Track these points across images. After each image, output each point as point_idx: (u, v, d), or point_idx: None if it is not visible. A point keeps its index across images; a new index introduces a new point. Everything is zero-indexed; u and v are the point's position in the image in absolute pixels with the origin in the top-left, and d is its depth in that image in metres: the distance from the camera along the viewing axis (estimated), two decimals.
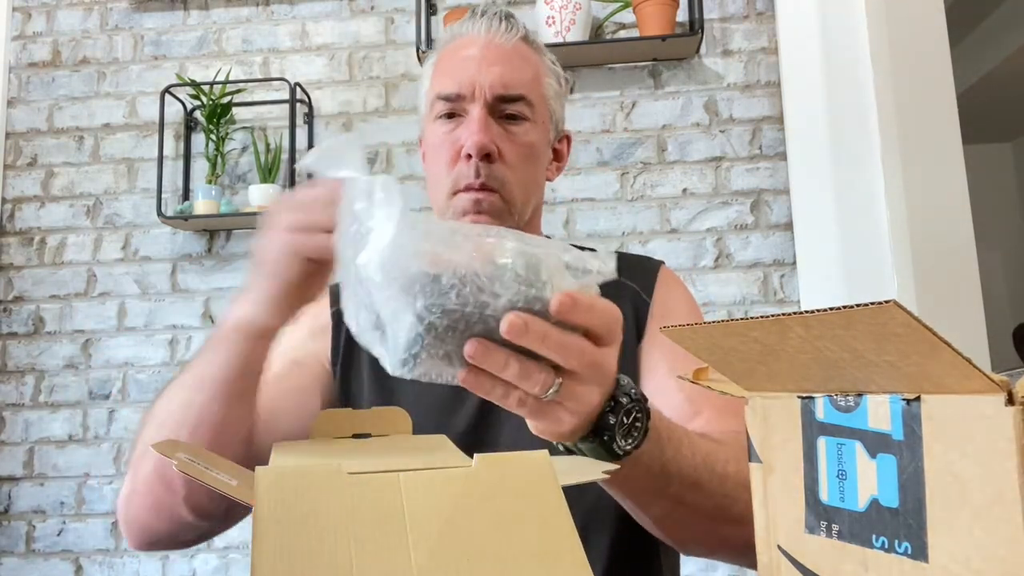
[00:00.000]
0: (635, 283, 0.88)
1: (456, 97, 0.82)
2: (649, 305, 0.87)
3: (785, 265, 1.76)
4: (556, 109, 0.89)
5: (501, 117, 0.82)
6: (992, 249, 3.43)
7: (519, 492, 0.36)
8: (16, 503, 1.85)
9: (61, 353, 1.90)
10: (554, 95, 0.88)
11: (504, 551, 0.34)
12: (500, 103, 0.82)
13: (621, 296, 0.86)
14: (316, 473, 0.35)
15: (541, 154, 0.86)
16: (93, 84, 2.00)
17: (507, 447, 0.58)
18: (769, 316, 0.33)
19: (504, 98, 0.82)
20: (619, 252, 0.99)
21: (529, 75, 0.84)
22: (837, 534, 0.35)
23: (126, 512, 0.71)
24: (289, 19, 1.97)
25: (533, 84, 0.84)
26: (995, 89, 3.29)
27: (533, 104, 0.84)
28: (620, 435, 0.54)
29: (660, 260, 0.94)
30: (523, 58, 0.85)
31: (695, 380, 0.44)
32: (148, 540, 0.72)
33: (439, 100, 0.84)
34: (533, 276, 0.45)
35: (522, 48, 0.85)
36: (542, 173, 0.88)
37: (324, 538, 0.33)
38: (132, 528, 0.71)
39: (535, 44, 0.88)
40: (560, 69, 0.91)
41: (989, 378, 0.29)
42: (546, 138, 0.87)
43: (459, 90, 0.82)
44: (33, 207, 1.96)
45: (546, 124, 0.87)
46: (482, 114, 0.81)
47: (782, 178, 1.79)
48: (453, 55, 0.85)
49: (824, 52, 1.76)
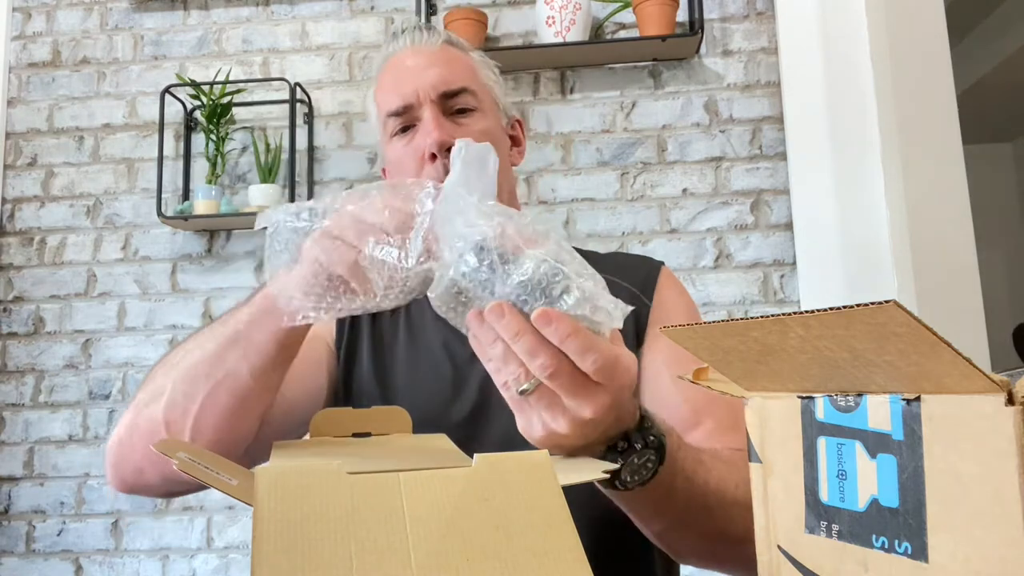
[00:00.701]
0: (634, 286, 0.88)
1: (404, 109, 0.85)
2: (649, 308, 0.87)
3: (785, 265, 1.76)
4: (500, 97, 0.92)
5: (452, 114, 0.85)
6: (992, 249, 3.43)
7: (519, 492, 0.36)
8: (16, 503, 1.85)
9: (61, 353, 1.90)
10: (494, 84, 0.92)
11: (504, 551, 0.34)
12: (446, 100, 0.84)
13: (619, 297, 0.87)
14: (316, 473, 0.35)
15: (498, 140, 0.88)
16: (93, 84, 2.00)
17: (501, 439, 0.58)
18: (769, 316, 0.33)
19: (448, 94, 0.84)
20: (619, 252, 0.99)
21: (463, 69, 0.88)
22: (837, 534, 0.35)
23: (119, 453, 0.70)
24: (289, 19, 1.97)
25: (470, 75, 0.88)
26: (995, 89, 3.29)
27: (476, 93, 0.87)
28: (627, 471, 0.56)
29: (660, 261, 0.94)
30: (452, 56, 0.88)
31: (695, 380, 0.44)
32: (136, 484, 0.72)
33: (390, 118, 0.86)
34: (545, 283, 0.48)
35: (448, 49, 0.89)
36: (504, 159, 0.90)
37: (324, 538, 0.33)
38: (122, 469, 0.71)
39: (459, 44, 0.92)
40: (489, 60, 0.94)
41: (989, 378, 0.29)
42: (498, 124, 0.90)
43: (404, 101, 0.84)
44: (33, 207, 1.96)
45: (495, 111, 0.90)
46: (433, 113, 0.83)
47: (782, 178, 1.79)
48: (389, 74, 0.88)
49: (824, 52, 1.76)
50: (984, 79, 3.23)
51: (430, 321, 0.90)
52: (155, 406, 0.67)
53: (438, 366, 0.86)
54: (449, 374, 0.85)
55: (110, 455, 0.72)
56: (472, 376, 0.84)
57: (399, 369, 0.87)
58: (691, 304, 0.93)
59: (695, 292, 1.77)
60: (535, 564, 0.34)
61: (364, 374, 0.87)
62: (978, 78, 3.23)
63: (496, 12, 1.89)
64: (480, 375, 0.83)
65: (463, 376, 0.84)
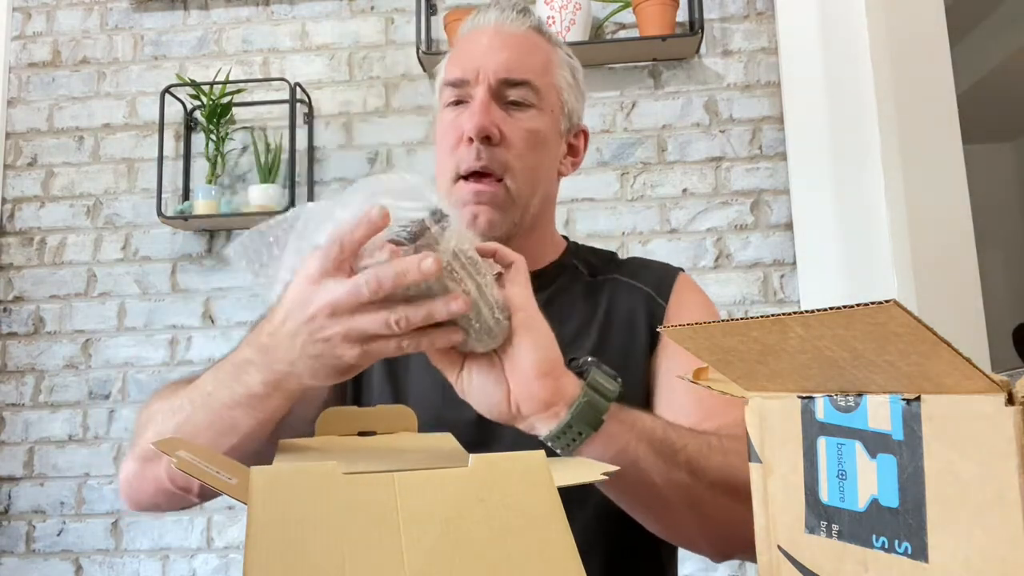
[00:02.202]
0: (651, 288, 0.87)
1: (461, 83, 0.82)
2: (664, 308, 0.85)
3: (785, 265, 1.76)
4: (569, 100, 0.87)
5: (506, 103, 0.81)
6: (992, 249, 3.42)
7: (515, 493, 0.36)
8: (16, 503, 1.85)
9: (61, 353, 1.90)
10: (567, 86, 0.86)
11: (498, 552, 0.34)
12: (504, 87, 0.81)
13: (635, 299, 0.85)
14: (311, 474, 0.35)
15: (548, 142, 0.84)
16: (93, 84, 2.00)
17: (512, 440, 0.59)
18: (769, 316, 0.33)
19: (508, 82, 0.81)
20: (640, 258, 0.98)
21: (536, 62, 0.83)
22: (837, 534, 0.35)
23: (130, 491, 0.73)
24: (289, 19, 1.97)
25: (540, 71, 0.83)
26: (995, 89, 3.29)
27: (539, 90, 0.82)
28: (550, 439, 0.59)
29: (680, 268, 0.92)
30: (532, 45, 0.84)
31: (695, 380, 0.44)
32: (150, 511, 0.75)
33: (446, 87, 0.84)
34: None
35: (533, 36, 0.84)
36: (550, 163, 0.86)
37: (318, 539, 0.33)
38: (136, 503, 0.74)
39: (548, 35, 0.87)
40: (578, 63, 0.89)
41: (989, 378, 0.29)
42: (555, 128, 0.85)
43: (463, 75, 0.81)
44: (33, 207, 1.96)
45: (555, 114, 0.85)
46: (484, 97, 0.80)
47: (782, 178, 1.79)
48: (464, 45, 0.85)
49: (824, 52, 1.76)
50: (984, 79, 3.22)
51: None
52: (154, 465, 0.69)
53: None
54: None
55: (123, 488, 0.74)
56: None
57: (412, 368, 0.85)
58: (711, 307, 0.90)
59: None
60: (529, 566, 0.33)
61: (376, 371, 0.85)
62: (978, 78, 3.23)
63: None
64: None
65: None
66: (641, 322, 0.84)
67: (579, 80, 0.89)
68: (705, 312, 0.88)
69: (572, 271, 0.90)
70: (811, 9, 1.78)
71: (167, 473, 0.68)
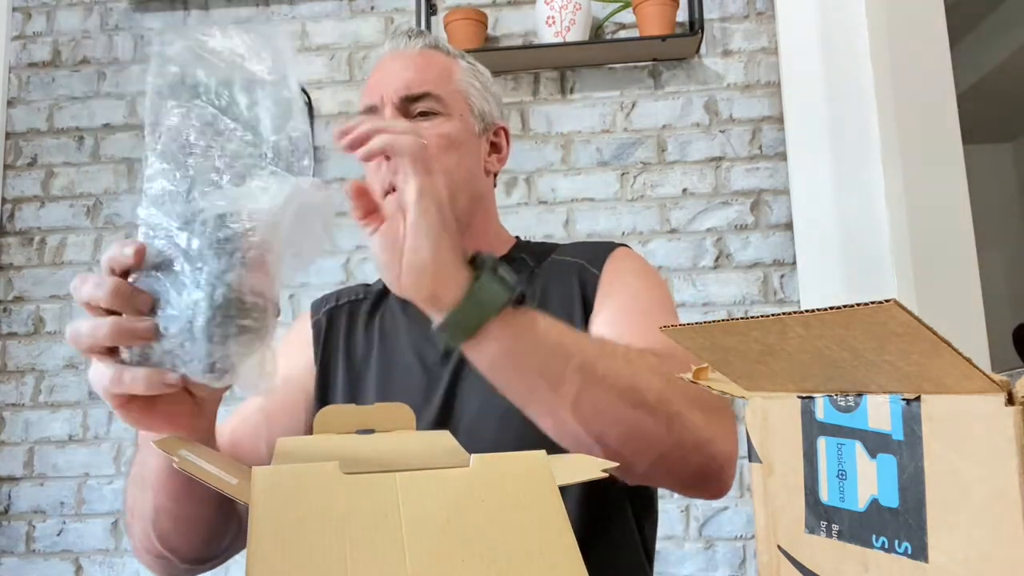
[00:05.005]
0: (585, 260, 0.89)
1: (371, 109, 0.87)
2: (598, 276, 0.87)
3: (785, 265, 1.76)
4: (478, 103, 0.91)
5: (414, 116, 0.86)
6: (992, 249, 3.42)
7: (516, 492, 0.36)
8: (16, 503, 1.85)
9: (61, 353, 1.90)
10: (474, 91, 0.91)
11: (499, 552, 0.34)
12: (408, 104, 0.85)
13: (568, 272, 0.89)
14: (312, 474, 0.35)
15: (462, 144, 0.88)
16: (93, 84, 2.00)
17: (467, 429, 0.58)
18: (769, 316, 0.33)
19: (409, 98, 0.85)
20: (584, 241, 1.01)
21: (434, 74, 0.88)
22: (837, 534, 0.35)
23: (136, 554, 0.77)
24: (289, 19, 1.97)
25: (440, 81, 0.88)
26: (995, 89, 3.29)
27: (442, 98, 0.87)
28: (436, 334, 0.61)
29: (622, 243, 0.94)
30: (428, 60, 0.89)
31: (695, 380, 0.44)
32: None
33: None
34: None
35: (428, 53, 0.90)
36: (472, 163, 0.90)
37: (319, 539, 0.33)
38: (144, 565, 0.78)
39: (445, 49, 0.92)
40: (482, 67, 0.94)
41: (989, 378, 0.29)
42: (467, 129, 0.89)
43: (371, 102, 0.87)
44: (33, 207, 1.96)
45: (465, 117, 0.89)
46: (392, 115, 0.85)
47: (782, 178, 1.79)
48: (371, 77, 0.90)
49: (824, 52, 1.76)
50: (984, 79, 3.22)
51: (403, 328, 0.91)
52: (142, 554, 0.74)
53: (409, 373, 0.87)
54: (420, 380, 0.86)
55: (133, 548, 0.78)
56: (442, 378, 0.85)
57: (370, 382, 0.89)
58: (650, 272, 0.91)
59: (695, 292, 1.77)
60: (530, 565, 0.33)
61: (338, 392, 0.89)
62: (978, 78, 3.23)
63: (496, 12, 1.89)
64: (449, 377, 0.84)
65: (433, 379, 0.86)
66: (575, 292, 0.86)
67: (486, 83, 0.93)
68: (644, 278, 0.89)
69: (519, 264, 0.93)
70: (811, 9, 1.78)
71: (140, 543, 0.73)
